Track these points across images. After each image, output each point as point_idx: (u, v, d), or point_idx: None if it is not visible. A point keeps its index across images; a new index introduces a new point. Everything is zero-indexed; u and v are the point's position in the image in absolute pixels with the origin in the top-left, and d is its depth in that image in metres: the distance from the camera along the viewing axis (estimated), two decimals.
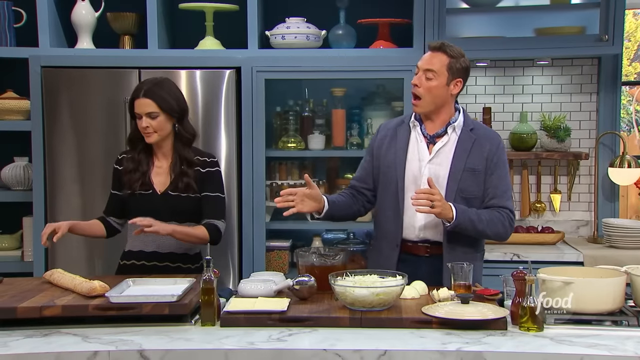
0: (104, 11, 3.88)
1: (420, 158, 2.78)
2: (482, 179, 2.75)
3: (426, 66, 2.72)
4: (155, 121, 2.80)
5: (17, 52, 3.77)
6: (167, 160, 2.90)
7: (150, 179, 2.88)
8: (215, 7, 3.83)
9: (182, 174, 2.86)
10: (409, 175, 2.78)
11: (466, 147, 2.75)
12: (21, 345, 2.14)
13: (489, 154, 2.76)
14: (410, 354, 2.09)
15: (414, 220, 2.78)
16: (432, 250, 2.79)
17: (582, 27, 3.78)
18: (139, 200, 2.86)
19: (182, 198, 2.86)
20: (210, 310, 2.30)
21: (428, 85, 2.71)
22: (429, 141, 2.79)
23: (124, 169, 2.90)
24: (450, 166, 2.74)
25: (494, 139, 2.81)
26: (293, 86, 3.94)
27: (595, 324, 2.27)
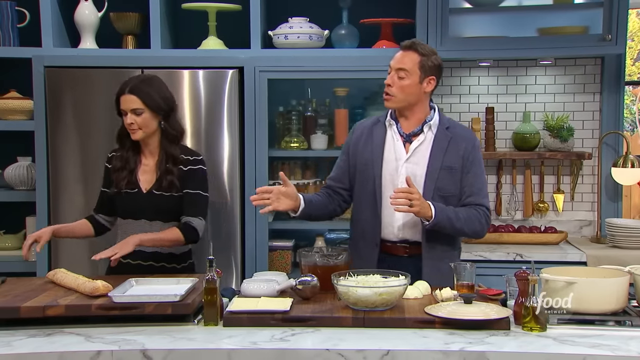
0: (107, 11, 3.89)
1: (397, 157, 2.79)
2: (459, 177, 2.77)
3: (398, 65, 2.73)
4: (140, 118, 2.80)
5: (21, 52, 3.77)
6: (154, 158, 2.91)
7: (137, 177, 2.89)
8: (218, 7, 3.84)
9: (166, 172, 2.86)
10: (386, 175, 2.79)
11: (442, 146, 2.77)
12: (24, 344, 2.15)
13: (465, 153, 2.78)
14: (413, 354, 2.09)
15: (392, 220, 2.78)
16: (410, 250, 2.80)
17: (585, 26, 3.78)
18: (124, 199, 2.88)
19: (165, 197, 2.86)
20: (213, 310, 2.31)
21: (401, 84, 2.73)
22: (405, 140, 2.80)
23: (113, 167, 2.92)
24: (427, 165, 2.76)
25: (470, 137, 2.84)
26: (296, 86, 3.94)
27: (598, 324, 2.27)
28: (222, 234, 3.62)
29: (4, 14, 3.82)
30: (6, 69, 3.97)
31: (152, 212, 2.86)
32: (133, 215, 2.89)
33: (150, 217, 2.85)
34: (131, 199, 2.87)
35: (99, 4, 3.87)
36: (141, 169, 2.91)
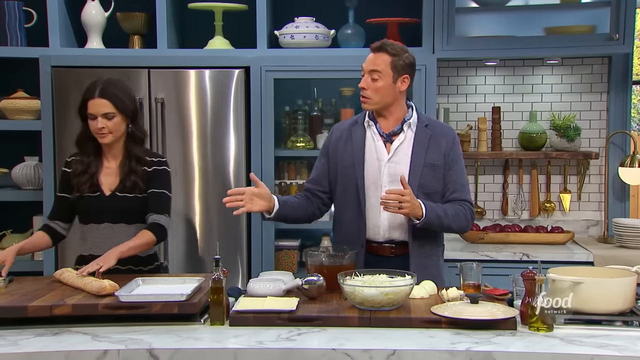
0: (114, 11, 3.90)
1: (379, 157, 2.79)
2: (442, 174, 2.79)
3: (370, 67, 2.73)
4: (111, 122, 2.76)
5: (28, 52, 3.79)
6: (116, 160, 2.86)
7: (98, 181, 2.84)
8: (225, 6, 3.84)
9: (130, 171, 2.82)
10: (369, 175, 2.79)
11: (423, 144, 2.78)
12: (32, 343, 2.15)
13: (446, 150, 2.79)
14: (419, 354, 2.08)
15: (378, 221, 2.78)
16: (397, 251, 2.80)
17: (592, 26, 3.77)
18: (86, 203, 2.82)
19: (129, 199, 2.82)
20: (220, 309, 2.31)
21: (375, 86, 2.73)
22: (385, 140, 2.80)
23: (73, 171, 2.85)
24: (410, 163, 2.76)
25: (449, 134, 2.85)
26: (302, 86, 3.94)
27: (605, 324, 2.26)
28: (228, 234, 3.62)
29: (11, 14, 3.83)
30: (13, 69, 3.98)
31: (116, 214, 2.82)
32: (95, 219, 2.83)
33: (114, 219, 2.81)
34: (93, 203, 2.82)
35: (105, 4, 3.88)
36: (103, 172, 2.85)
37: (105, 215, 2.82)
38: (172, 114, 3.62)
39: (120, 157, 2.86)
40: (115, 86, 2.82)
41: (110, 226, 2.83)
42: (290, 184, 3.86)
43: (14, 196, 3.90)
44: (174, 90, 3.62)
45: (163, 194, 2.87)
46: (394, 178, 2.74)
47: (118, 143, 2.85)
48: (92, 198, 2.82)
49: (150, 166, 2.87)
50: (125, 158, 2.85)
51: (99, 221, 2.83)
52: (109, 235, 2.82)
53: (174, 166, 3.62)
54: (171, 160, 3.60)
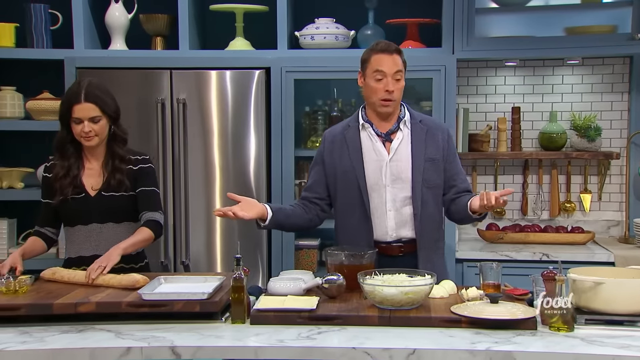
0: (137, 13, 3.92)
1: (379, 158, 2.78)
2: (442, 167, 2.80)
3: (395, 69, 2.72)
4: (97, 125, 2.75)
5: (53, 54, 3.82)
6: (98, 161, 2.84)
7: (81, 182, 2.81)
8: (245, 8, 3.85)
9: (114, 170, 2.81)
10: (370, 177, 2.78)
11: (421, 139, 2.79)
12: (57, 340, 2.17)
13: (443, 143, 2.82)
14: (439, 353, 2.08)
15: (384, 221, 2.78)
16: (405, 249, 2.79)
17: (613, 25, 3.73)
18: (71, 205, 2.79)
19: (116, 197, 2.81)
20: (241, 308, 2.31)
21: (399, 87, 2.74)
22: (384, 139, 2.79)
23: (54, 175, 2.81)
24: (412, 160, 2.77)
25: (443, 127, 2.89)
26: (322, 86, 3.94)
27: (627, 325, 2.23)
28: (249, 233, 3.63)
29: (37, 17, 3.87)
30: (39, 71, 4.02)
31: (103, 214, 2.80)
32: (82, 221, 2.81)
33: (101, 219, 2.80)
34: (79, 205, 2.79)
35: (129, 6, 3.91)
36: (85, 173, 2.82)
37: (92, 215, 2.80)
38: (193, 114, 3.64)
39: (102, 158, 2.84)
40: (98, 88, 2.79)
41: (98, 226, 2.82)
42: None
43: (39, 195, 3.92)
44: (196, 90, 3.64)
45: (153, 192, 2.87)
46: (396, 177, 2.76)
47: (101, 144, 2.82)
48: (77, 200, 2.79)
49: (136, 164, 2.85)
50: (108, 158, 2.83)
51: (86, 222, 2.81)
52: (97, 235, 2.81)
53: (196, 166, 3.64)
54: (192, 160, 3.64)
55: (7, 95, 3.91)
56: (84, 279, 2.58)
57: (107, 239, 2.81)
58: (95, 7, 3.93)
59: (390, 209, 2.77)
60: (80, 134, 2.75)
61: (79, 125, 2.75)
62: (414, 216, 2.76)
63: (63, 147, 2.83)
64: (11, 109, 3.91)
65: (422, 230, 2.78)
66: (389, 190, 2.76)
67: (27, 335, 2.22)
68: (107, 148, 2.84)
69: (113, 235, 2.82)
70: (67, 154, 2.82)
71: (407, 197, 2.77)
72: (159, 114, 3.61)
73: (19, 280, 2.49)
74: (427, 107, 3.76)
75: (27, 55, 3.89)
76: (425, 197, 2.76)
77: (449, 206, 2.83)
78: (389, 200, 2.77)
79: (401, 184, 2.75)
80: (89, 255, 2.80)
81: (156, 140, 3.62)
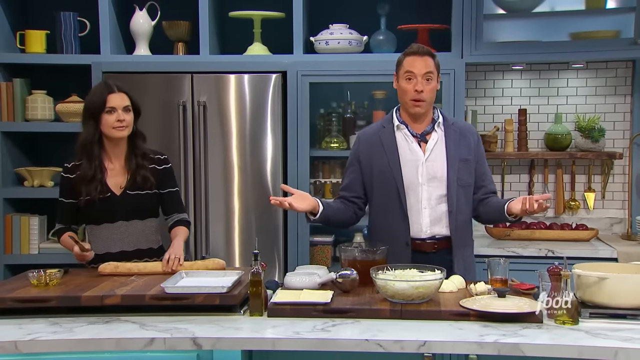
0: (160, 20, 3.94)
1: (415, 158, 2.77)
2: (473, 167, 2.81)
3: (425, 70, 2.73)
4: (128, 116, 2.77)
5: (81, 59, 3.85)
6: (119, 160, 2.84)
7: (105, 183, 2.80)
8: (263, 15, 3.85)
9: (138, 167, 2.81)
10: (407, 176, 2.77)
11: (455, 140, 2.79)
12: (85, 331, 2.19)
13: (474, 144, 2.83)
14: (448, 345, 2.07)
15: (419, 218, 2.77)
16: (439, 245, 2.77)
17: (616, 31, 3.70)
18: (98, 206, 2.78)
19: (141, 196, 2.82)
20: (258, 301, 2.32)
21: (430, 88, 2.74)
22: (419, 140, 2.78)
23: (79, 178, 2.78)
24: (447, 160, 2.77)
25: (473, 130, 2.92)
26: (336, 89, 3.94)
27: (630, 319, 2.22)
28: (266, 230, 3.64)
29: (67, 24, 3.90)
30: (68, 75, 4.05)
31: (129, 212, 2.81)
32: (109, 219, 2.80)
33: (127, 217, 2.81)
34: (106, 205, 2.78)
35: (152, 13, 3.93)
36: (108, 174, 2.81)
37: (119, 214, 2.81)
38: (213, 116, 3.65)
39: (124, 156, 2.83)
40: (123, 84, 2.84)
41: (125, 224, 2.83)
42: (325, 183, 3.87)
43: None
44: (215, 94, 3.65)
45: (177, 192, 2.93)
46: (432, 176, 2.75)
47: (122, 142, 2.82)
48: (103, 200, 2.79)
49: (160, 164, 2.87)
50: (130, 155, 2.83)
51: (112, 220, 2.81)
52: (124, 232, 2.83)
53: (215, 166, 3.65)
54: (212, 160, 3.65)
55: (38, 98, 3.95)
56: (160, 269, 2.63)
57: (132, 235, 2.83)
58: (120, 14, 3.95)
59: (425, 206, 2.76)
60: (113, 124, 2.75)
61: (112, 115, 2.75)
62: (449, 213, 2.75)
63: (90, 147, 2.79)
64: (42, 112, 3.94)
65: (456, 227, 2.77)
66: (425, 189, 2.75)
67: (57, 325, 2.24)
68: (129, 145, 2.84)
69: (138, 232, 2.84)
70: (93, 155, 2.79)
71: (442, 195, 2.76)
72: (180, 116, 3.63)
73: (49, 273, 2.51)
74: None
75: (57, 61, 3.92)
76: (458, 195, 2.76)
77: (477, 206, 2.83)
78: (424, 199, 2.76)
79: (436, 183, 2.75)
80: (116, 251, 2.82)
81: (178, 141, 3.63)
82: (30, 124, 3.94)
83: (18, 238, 3.92)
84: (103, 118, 2.75)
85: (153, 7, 3.93)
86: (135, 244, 2.84)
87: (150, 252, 2.88)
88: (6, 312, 2.32)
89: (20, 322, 2.26)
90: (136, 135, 2.85)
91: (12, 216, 3.92)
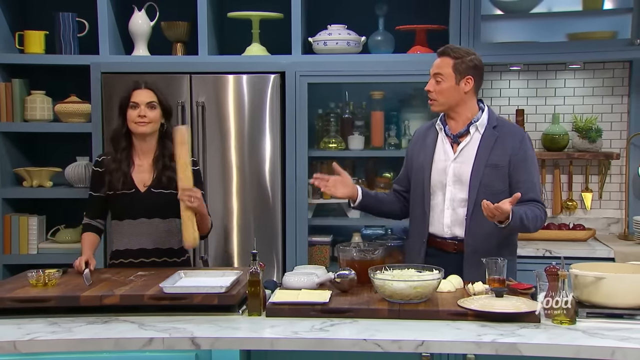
0: (158, 20, 3.93)
1: (446, 158, 2.77)
2: (506, 173, 2.70)
3: (434, 71, 2.73)
4: (152, 112, 2.79)
5: (80, 60, 3.84)
6: (148, 158, 2.85)
7: (131, 178, 2.82)
8: (262, 15, 3.85)
9: (164, 168, 2.82)
10: (435, 175, 2.77)
11: (489, 145, 2.73)
12: (84, 330, 2.19)
13: (513, 150, 2.72)
14: (446, 344, 2.07)
15: (442, 218, 2.76)
16: (459, 247, 2.75)
17: (613, 31, 3.70)
18: (122, 201, 2.81)
19: (164, 195, 2.81)
20: (257, 301, 2.31)
21: (439, 88, 2.72)
22: (452, 141, 2.78)
23: (106, 169, 2.83)
24: (473, 164, 2.72)
25: (517, 134, 2.78)
26: (334, 90, 3.94)
27: (627, 318, 2.22)
28: (264, 230, 3.64)
29: (65, 25, 3.89)
30: (67, 75, 4.04)
31: (151, 210, 2.81)
32: (131, 215, 2.82)
33: (149, 215, 2.82)
34: (129, 200, 2.80)
35: (151, 13, 3.92)
36: (135, 169, 2.83)
37: (141, 211, 2.82)
38: (212, 116, 3.65)
39: (152, 155, 2.85)
40: (156, 84, 2.90)
41: (146, 221, 2.83)
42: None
43: (67, 193, 3.96)
44: (214, 94, 3.65)
45: (204, 196, 2.89)
46: (458, 178, 2.72)
47: (151, 139, 2.84)
48: (127, 195, 2.80)
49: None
50: (159, 155, 2.84)
51: (134, 217, 2.83)
52: (145, 230, 2.83)
53: (214, 166, 3.65)
54: (210, 160, 3.64)
55: (37, 98, 3.94)
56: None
57: (153, 233, 2.83)
58: (119, 15, 3.94)
59: (448, 207, 2.74)
60: (135, 119, 2.77)
61: (135, 110, 2.78)
62: (466, 218, 2.71)
63: (117, 139, 2.85)
64: (41, 112, 3.93)
65: (471, 232, 2.70)
66: (449, 190, 2.74)
67: (56, 325, 2.23)
68: (159, 145, 2.86)
69: (159, 230, 2.84)
70: (119, 146, 2.84)
71: (464, 199, 2.72)
72: (179, 117, 3.62)
73: (48, 273, 2.51)
74: None
75: (56, 61, 3.91)
76: (479, 201, 2.60)
77: None
78: (447, 199, 2.74)
79: (460, 186, 2.72)
80: (136, 248, 2.83)
81: None
82: (29, 124, 3.93)
83: (17, 238, 3.92)
84: (128, 112, 2.81)
85: (152, 8, 3.93)
86: (155, 242, 2.84)
87: (170, 252, 2.87)
88: (5, 312, 2.32)
89: (19, 322, 2.26)
90: (166, 135, 2.86)
91: (11, 216, 3.92)
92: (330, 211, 3.95)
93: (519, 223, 2.58)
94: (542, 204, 2.71)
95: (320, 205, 3.88)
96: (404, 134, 3.82)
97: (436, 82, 2.72)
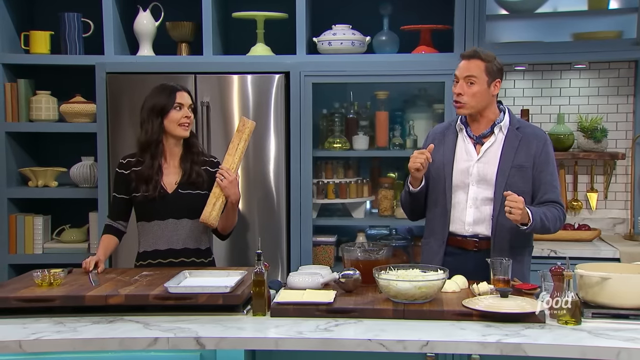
0: (163, 21, 3.94)
1: (469, 158, 2.77)
2: (530, 175, 2.72)
3: (466, 73, 2.71)
4: (192, 115, 2.84)
5: (85, 60, 3.85)
6: (174, 160, 2.86)
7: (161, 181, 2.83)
8: (266, 15, 3.85)
9: (193, 164, 2.84)
10: (457, 174, 2.77)
11: (513, 145, 2.73)
12: (89, 330, 2.19)
13: (537, 151, 2.73)
14: (451, 345, 2.07)
15: (463, 216, 2.76)
16: (480, 245, 2.75)
17: (619, 31, 3.69)
18: (151, 203, 2.80)
19: (192, 195, 2.83)
20: (261, 301, 2.31)
21: (472, 91, 2.70)
22: (475, 142, 2.77)
23: (137, 175, 2.81)
24: (499, 164, 2.72)
25: (541, 136, 2.79)
26: (339, 89, 3.93)
27: (632, 319, 2.21)
28: (269, 230, 3.64)
29: (70, 25, 3.91)
30: (72, 76, 4.06)
31: (180, 210, 2.82)
32: (160, 217, 2.82)
33: (178, 215, 2.83)
34: (158, 203, 2.80)
35: (156, 14, 3.93)
36: (163, 172, 2.84)
37: (170, 212, 2.82)
38: (216, 116, 3.65)
39: (179, 156, 2.86)
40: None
41: (175, 222, 2.83)
42: (328, 183, 3.86)
43: (72, 193, 3.97)
44: (219, 94, 3.65)
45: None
46: (482, 178, 2.73)
47: (179, 142, 2.87)
48: (156, 198, 2.81)
49: (213, 167, 2.88)
50: (186, 153, 2.86)
51: (163, 218, 2.83)
52: (173, 230, 2.83)
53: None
54: None
55: (42, 99, 3.95)
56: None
57: (182, 233, 2.84)
58: (124, 15, 3.95)
59: (471, 205, 2.74)
60: (180, 120, 2.79)
61: (180, 112, 2.80)
62: (492, 217, 2.71)
63: (154, 146, 2.80)
64: (46, 112, 3.95)
65: (497, 231, 2.71)
66: (472, 189, 2.73)
67: (61, 325, 2.24)
68: (185, 144, 2.87)
69: (187, 231, 2.85)
70: (156, 154, 2.81)
71: (488, 198, 2.72)
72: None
73: (53, 273, 2.51)
74: (440, 109, 3.74)
75: (61, 61, 3.92)
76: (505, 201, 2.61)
77: None
78: (470, 198, 2.74)
79: (485, 185, 2.72)
80: (164, 249, 2.83)
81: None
82: (35, 124, 3.95)
83: (22, 238, 3.93)
84: (171, 114, 2.79)
85: (157, 8, 3.94)
86: (184, 242, 2.84)
87: (197, 252, 2.88)
88: (10, 312, 2.33)
89: (24, 321, 2.27)
90: (191, 134, 2.89)
91: (17, 216, 3.93)
92: (335, 211, 3.95)
93: (540, 224, 2.61)
94: (562, 205, 2.73)
95: (324, 205, 3.88)
96: (409, 134, 3.82)
97: (467, 85, 2.70)
